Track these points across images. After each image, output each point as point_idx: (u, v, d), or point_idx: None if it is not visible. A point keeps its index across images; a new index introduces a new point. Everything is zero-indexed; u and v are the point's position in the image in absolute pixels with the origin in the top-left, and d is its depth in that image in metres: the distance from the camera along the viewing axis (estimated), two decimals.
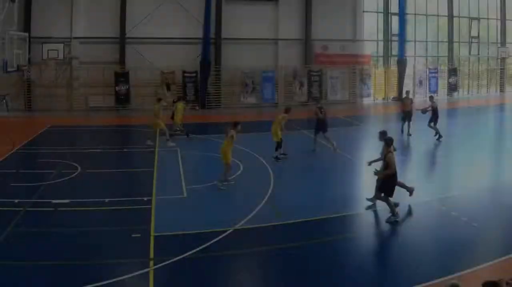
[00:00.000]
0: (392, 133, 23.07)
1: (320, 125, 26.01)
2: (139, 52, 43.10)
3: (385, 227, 15.31)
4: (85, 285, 11.09)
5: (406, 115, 30.56)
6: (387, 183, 15.37)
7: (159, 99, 29.05)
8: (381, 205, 16.52)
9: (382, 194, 15.64)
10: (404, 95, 33.41)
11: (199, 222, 15.49)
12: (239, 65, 44.75)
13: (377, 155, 17.44)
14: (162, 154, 25.27)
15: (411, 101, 31.05)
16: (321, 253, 13.35)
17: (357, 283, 11.81)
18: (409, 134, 30.19)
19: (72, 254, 13.03)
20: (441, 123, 30.00)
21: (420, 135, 30.09)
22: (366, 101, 49.52)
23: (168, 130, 27.69)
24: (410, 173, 21.90)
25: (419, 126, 30.66)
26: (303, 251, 13.44)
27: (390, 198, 15.48)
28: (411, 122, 30.33)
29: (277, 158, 23.88)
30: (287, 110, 24.95)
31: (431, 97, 30.47)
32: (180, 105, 30.24)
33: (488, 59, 57.98)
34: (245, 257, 13.61)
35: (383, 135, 16.91)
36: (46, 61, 40.51)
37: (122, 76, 42.62)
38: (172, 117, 29.90)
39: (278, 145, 23.93)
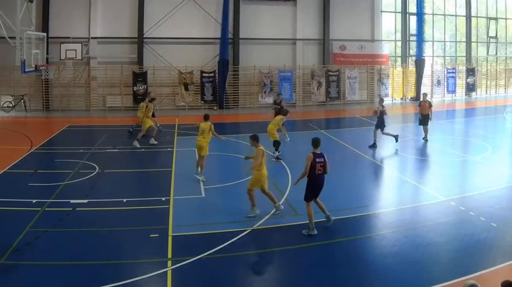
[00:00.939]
0: (408, 136, 24.31)
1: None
2: (157, 52, 42.17)
3: (404, 226, 14.93)
4: (103, 285, 10.97)
5: (423, 119, 28.11)
6: (307, 188, 14.48)
7: (153, 99, 29.25)
8: (402, 204, 16.82)
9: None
10: (421, 98, 30.63)
11: (217, 222, 15.33)
12: (257, 65, 43.64)
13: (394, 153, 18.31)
14: (180, 154, 24.69)
15: (429, 104, 28.19)
16: (340, 253, 13.16)
17: (376, 283, 11.55)
18: (425, 139, 27.75)
19: (90, 254, 12.84)
20: (461, 122, 30.19)
21: (436, 139, 28.68)
22: (384, 101, 47.33)
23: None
24: (427, 172, 22.00)
25: (437, 129, 29.86)
26: (321, 252, 13.22)
27: (310, 207, 14.45)
28: (427, 127, 27.82)
29: (277, 158, 23.17)
30: (285, 113, 25.10)
31: (380, 100, 27.75)
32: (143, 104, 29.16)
33: (506, 59, 56.33)
34: (263, 257, 13.39)
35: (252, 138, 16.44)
36: (64, 61, 39.48)
37: (140, 76, 41.69)
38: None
39: (277, 145, 23.51)
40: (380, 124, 26.46)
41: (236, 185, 18.85)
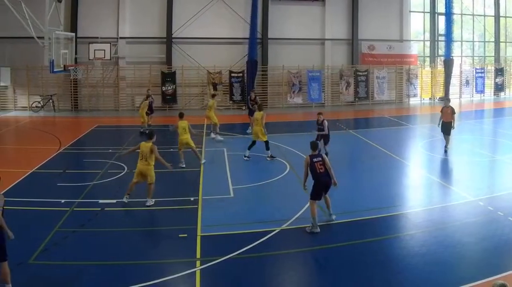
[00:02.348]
0: (437, 136, 23.65)
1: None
2: (186, 52, 40.58)
3: (432, 226, 14.31)
4: (132, 285, 10.66)
5: (444, 127, 24.02)
6: (313, 187, 14.08)
7: (148, 96, 30.18)
8: (431, 204, 16.33)
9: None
10: (444, 104, 25.72)
11: (246, 222, 14.83)
12: (286, 65, 41.78)
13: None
14: (209, 154, 23.81)
15: (452, 110, 24.00)
16: (368, 253, 12.56)
17: (404, 282, 11.09)
18: (445, 150, 23.74)
19: (118, 255, 12.49)
20: (489, 122, 29.29)
21: (465, 139, 27.02)
22: (413, 101, 45.97)
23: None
24: (456, 172, 21.34)
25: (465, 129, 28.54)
26: (350, 252, 12.72)
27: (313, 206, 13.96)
28: (449, 136, 23.96)
29: (272, 157, 22.44)
30: (260, 107, 23.55)
31: (319, 114, 23.42)
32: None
33: None
34: (291, 257, 12.74)
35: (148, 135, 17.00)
36: (93, 61, 38.20)
37: (168, 76, 40.12)
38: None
39: (267, 144, 22.61)
40: (325, 138, 22.99)
41: (265, 185, 18.26)
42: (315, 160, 14.04)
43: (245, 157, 22.42)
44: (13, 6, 30.23)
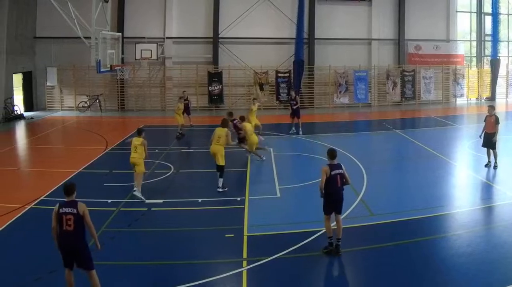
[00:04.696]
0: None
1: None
2: (232, 52, 37.84)
3: (479, 226, 13.56)
4: (178, 285, 10.14)
5: (486, 140, 19.44)
6: (324, 200, 12.07)
7: (180, 97, 28.49)
8: (477, 204, 15.45)
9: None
10: (488, 111, 19.77)
11: (292, 222, 14.10)
12: (332, 65, 38.67)
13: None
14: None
15: (496, 119, 19.13)
16: (415, 252, 11.85)
17: (450, 282, 10.38)
18: (494, 167, 19.35)
19: (165, 254, 11.97)
20: None
21: None
22: (459, 101, 42.54)
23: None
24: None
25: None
26: (396, 251, 12.00)
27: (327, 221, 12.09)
28: (496, 151, 19.45)
29: (223, 188, 17.47)
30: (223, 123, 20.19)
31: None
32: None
33: None
34: (337, 257, 11.68)
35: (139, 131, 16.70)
36: (139, 61, 35.82)
37: (215, 76, 37.39)
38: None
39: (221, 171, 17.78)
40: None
41: (311, 185, 16.75)
42: (335, 172, 11.86)
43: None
44: (59, 6, 28.04)
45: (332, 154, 12.15)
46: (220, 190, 16.82)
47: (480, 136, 20.00)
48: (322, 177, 11.82)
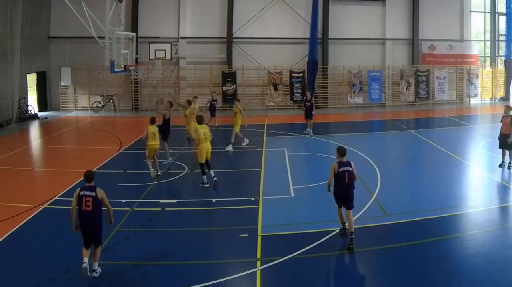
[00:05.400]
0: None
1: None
2: (246, 52, 37.18)
3: (493, 226, 13.25)
4: (192, 285, 9.98)
5: (501, 140, 18.88)
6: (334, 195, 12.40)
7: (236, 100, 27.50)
8: (491, 204, 15.13)
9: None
10: (504, 112, 19.07)
11: (306, 222, 13.95)
12: (346, 65, 37.93)
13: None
14: (269, 154, 22.55)
15: None
16: (429, 252, 11.62)
17: (464, 282, 10.21)
18: (508, 167, 18.71)
19: (179, 254, 11.84)
20: None
21: None
22: (474, 101, 41.70)
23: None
24: None
25: None
26: (411, 251, 11.76)
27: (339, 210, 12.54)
28: (511, 151, 18.80)
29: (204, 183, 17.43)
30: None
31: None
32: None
33: None
34: (351, 257, 11.66)
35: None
36: (153, 61, 35.22)
37: (229, 76, 36.78)
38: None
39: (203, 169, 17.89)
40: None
41: (325, 185, 15.78)
42: (343, 169, 12.07)
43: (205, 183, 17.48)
44: (73, 6, 27.61)
45: (341, 151, 12.30)
46: (206, 185, 17.07)
47: (498, 138, 19.31)
48: (331, 174, 12.09)
